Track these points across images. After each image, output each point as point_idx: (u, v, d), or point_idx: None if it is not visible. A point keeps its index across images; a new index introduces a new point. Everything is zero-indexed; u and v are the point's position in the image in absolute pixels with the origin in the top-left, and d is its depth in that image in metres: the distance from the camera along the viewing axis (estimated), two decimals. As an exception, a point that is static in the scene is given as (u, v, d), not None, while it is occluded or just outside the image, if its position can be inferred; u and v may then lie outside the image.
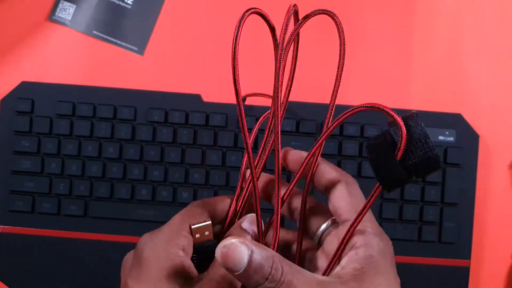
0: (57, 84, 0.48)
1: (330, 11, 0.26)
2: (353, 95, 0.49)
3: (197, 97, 0.47)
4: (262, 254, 0.23)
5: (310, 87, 0.49)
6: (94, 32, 0.49)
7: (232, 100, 0.50)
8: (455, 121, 0.47)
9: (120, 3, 0.50)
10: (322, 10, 0.26)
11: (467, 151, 0.47)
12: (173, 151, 0.46)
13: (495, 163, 0.49)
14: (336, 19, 0.27)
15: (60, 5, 0.49)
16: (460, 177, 0.46)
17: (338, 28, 0.27)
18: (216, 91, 0.49)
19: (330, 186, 0.28)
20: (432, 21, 0.50)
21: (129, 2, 0.50)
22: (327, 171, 0.29)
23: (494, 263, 0.48)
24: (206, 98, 0.47)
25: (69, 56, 0.49)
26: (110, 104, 0.46)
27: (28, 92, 0.47)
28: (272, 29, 0.26)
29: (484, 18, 0.50)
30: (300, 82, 0.49)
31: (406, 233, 0.45)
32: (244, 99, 0.48)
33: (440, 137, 0.46)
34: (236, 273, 0.23)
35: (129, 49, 0.50)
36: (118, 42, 0.50)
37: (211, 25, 0.50)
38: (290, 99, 0.50)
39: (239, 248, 0.23)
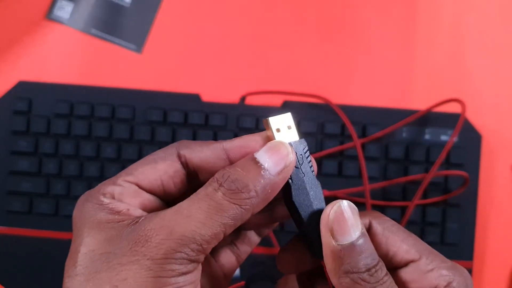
0: (55, 83, 0.47)
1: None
2: (355, 95, 0.49)
3: (196, 96, 0.47)
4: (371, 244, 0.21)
5: (310, 87, 0.49)
6: (92, 30, 0.49)
7: (232, 99, 0.49)
8: (457, 121, 0.46)
9: (118, 1, 0.49)
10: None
11: (469, 152, 0.46)
12: (172, 151, 0.46)
13: (498, 163, 0.48)
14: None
15: (58, 3, 0.49)
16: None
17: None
18: (216, 91, 0.48)
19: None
20: (435, 21, 0.50)
21: (127, 0, 0.50)
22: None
23: (497, 264, 0.48)
24: (205, 97, 0.47)
25: (67, 55, 0.49)
26: (108, 104, 0.46)
27: (25, 92, 0.46)
28: None
29: (487, 18, 0.50)
30: (300, 81, 0.48)
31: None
32: (243, 99, 0.47)
33: (443, 137, 0.46)
34: (338, 243, 0.20)
35: (128, 48, 0.49)
36: (116, 40, 0.49)
37: (210, 23, 0.49)
38: (290, 98, 0.50)
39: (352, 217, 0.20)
